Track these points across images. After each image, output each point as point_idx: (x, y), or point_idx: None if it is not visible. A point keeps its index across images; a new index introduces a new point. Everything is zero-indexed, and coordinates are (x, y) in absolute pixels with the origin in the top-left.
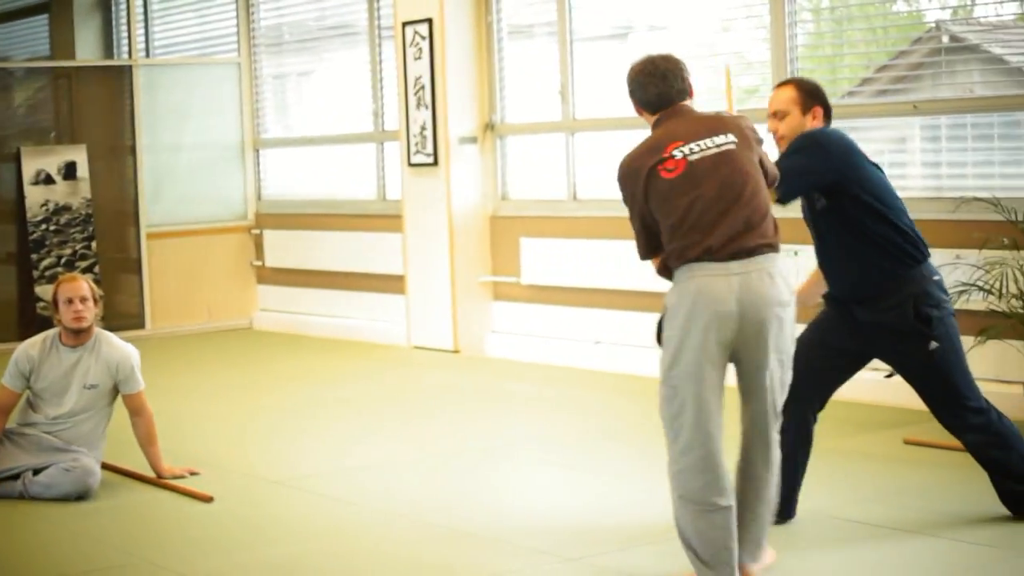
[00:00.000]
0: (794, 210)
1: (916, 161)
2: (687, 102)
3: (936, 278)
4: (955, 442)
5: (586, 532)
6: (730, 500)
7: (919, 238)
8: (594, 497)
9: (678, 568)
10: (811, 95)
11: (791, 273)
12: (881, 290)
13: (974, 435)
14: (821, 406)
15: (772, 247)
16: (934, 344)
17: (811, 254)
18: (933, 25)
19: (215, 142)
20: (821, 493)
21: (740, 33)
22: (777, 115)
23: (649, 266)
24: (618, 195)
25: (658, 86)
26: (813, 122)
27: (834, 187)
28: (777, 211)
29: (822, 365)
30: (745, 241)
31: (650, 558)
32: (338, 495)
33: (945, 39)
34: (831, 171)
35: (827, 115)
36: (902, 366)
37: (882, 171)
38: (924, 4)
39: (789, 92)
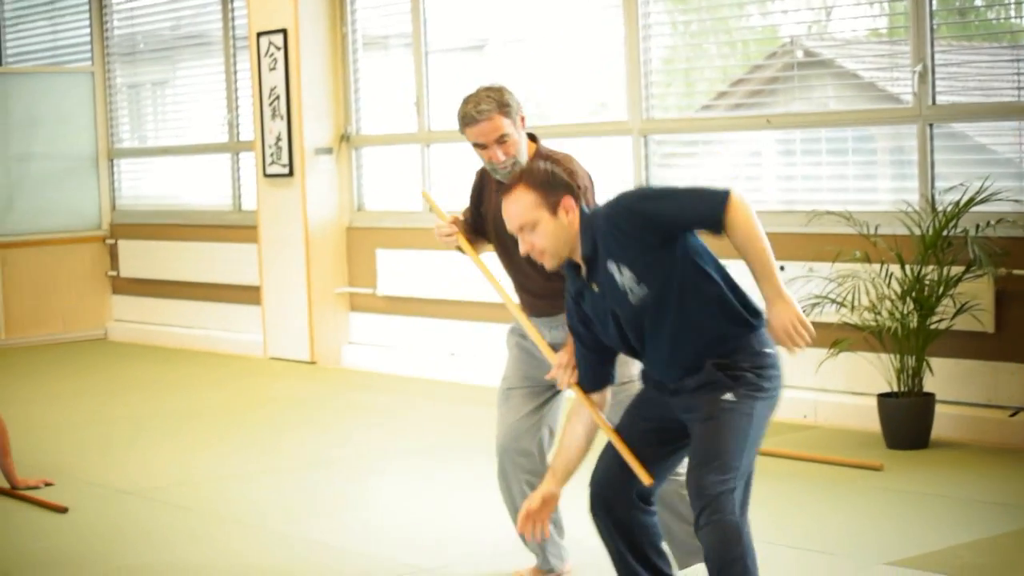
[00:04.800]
0: None
1: (770, 175)
2: None
3: (768, 350)
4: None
5: (442, 542)
6: None
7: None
8: (449, 507)
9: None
10: (550, 187)
11: None
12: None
13: (707, 522)
14: None
15: None
16: (729, 396)
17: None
18: (788, 40)
19: (69, 152)
20: None
21: (595, 46)
22: (524, 229)
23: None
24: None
25: None
26: (571, 216)
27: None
28: None
29: None
30: None
31: (506, 567)
32: (193, 506)
33: (799, 54)
34: None
35: (584, 193)
36: (690, 424)
37: None
38: (779, 19)
39: (525, 197)
